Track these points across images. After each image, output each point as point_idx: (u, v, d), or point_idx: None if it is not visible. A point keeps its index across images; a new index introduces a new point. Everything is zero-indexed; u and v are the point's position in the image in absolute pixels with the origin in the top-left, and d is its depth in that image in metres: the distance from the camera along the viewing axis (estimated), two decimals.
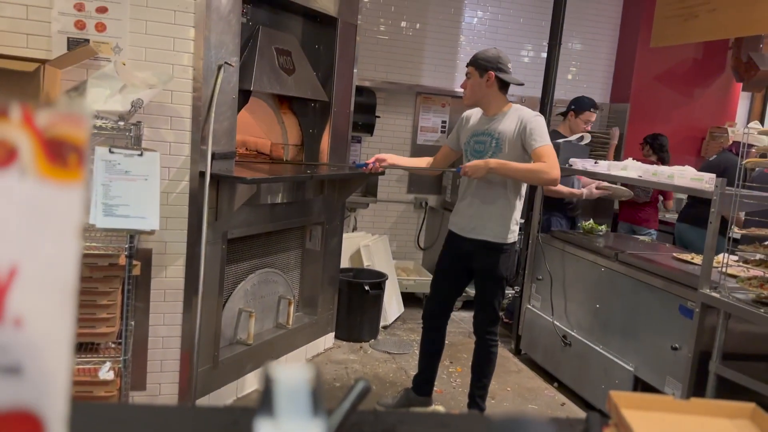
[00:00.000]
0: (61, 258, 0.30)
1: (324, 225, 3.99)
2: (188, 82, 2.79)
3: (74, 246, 0.30)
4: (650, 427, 1.23)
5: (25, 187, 0.30)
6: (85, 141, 0.30)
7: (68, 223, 0.30)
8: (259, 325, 3.61)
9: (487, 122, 3.06)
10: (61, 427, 0.30)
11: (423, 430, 1.32)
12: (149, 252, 2.82)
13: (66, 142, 0.30)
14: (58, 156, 0.30)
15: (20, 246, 0.30)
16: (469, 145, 3.11)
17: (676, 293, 3.04)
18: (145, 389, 2.91)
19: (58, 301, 0.30)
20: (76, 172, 0.30)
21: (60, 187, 0.30)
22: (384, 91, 5.45)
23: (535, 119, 2.97)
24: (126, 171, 2.29)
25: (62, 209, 0.30)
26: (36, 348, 0.29)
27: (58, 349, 0.30)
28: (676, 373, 3.00)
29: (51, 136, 0.30)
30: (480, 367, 3.21)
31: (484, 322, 3.17)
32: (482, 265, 3.09)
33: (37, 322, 0.29)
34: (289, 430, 0.36)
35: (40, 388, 0.29)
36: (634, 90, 5.95)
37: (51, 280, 0.30)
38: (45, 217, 0.30)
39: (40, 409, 0.29)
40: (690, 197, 4.86)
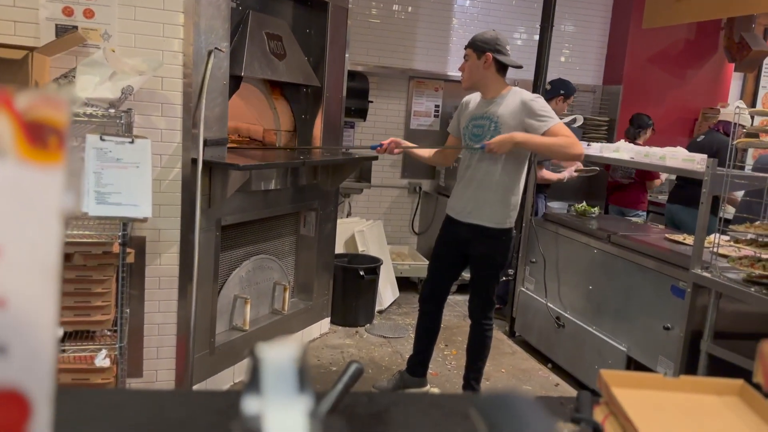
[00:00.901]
0: (44, 239, 0.30)
1: (318, 211, 4.00)
2: (178, 69, 2.77)
3: (56, 227, 0.30)
4: (640, 404, 1.25)
5: (6, 169, 0.30)
6: (65, 123, 0.31)
7: (50, 205, 0.30)
8: (254, 311, 3.62)
9: (486, 105, 3.03)
10: (47, 405, 0.30)
11: (416, 411, 1.33)
12: (143, 240, 2.82)
13: (46, 125, 0.30)
14: (38, 138, 0.30)
15: (2, 228, 0.30)
16: (468, 129, 3.08)
17: (668, 274, 3.06)
18: (142, 376, 2.92)
19: (42, 282, 0.30)
20: (57, 154, 0.31)
21: (41, 170, 0.30)
22: (376, 76, 5.43)
23: (537, 100, 2.96)
24: (117, 159, 2.28)
25: (43, 191, 0.30)
26: (21, 328, 0.30)
27: (42, 328, 0.30)
28: (668, 353, 3.03)
29: (31, 119, 0.30)
30: (475, 351, 3.23)
31: (479, 307, 3.18)
32: (478, 251, 3.10)
33: (22, 303, 0.30)
34: (275, 407, 0.37)
35: (26, 367, 0.30)
36: (626, 72, 5.94)
37: (34, 261, 0.30)
38: (26, 199, 0.30)
39: (26, 388, 0.30)
40: (679, 178, 4.88)
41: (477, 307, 3.19)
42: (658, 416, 1.26)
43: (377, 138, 5.59)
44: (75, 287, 2.41)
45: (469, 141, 3.05)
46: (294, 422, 0.34)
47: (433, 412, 1.34)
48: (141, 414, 1.10)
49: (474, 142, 3.01)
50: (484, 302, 3.17)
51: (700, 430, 1.17)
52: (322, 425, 0.34)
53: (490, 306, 3.20)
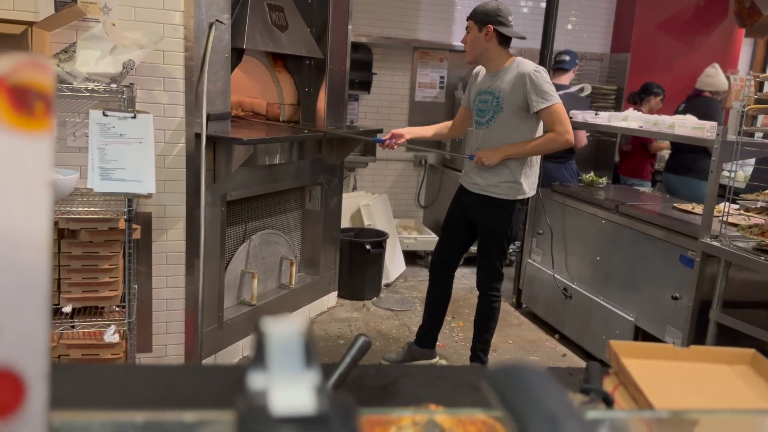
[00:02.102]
0: (33, 211, 0.29)
1: (323, 185, 3.98)
2: (179, 42, 2.74)
3: (45, 197, 0.29)
4: (650, 374, 1.24)
5: None
6: (50, 88, 0.29)
7: (38, 174, 0.29)
8: (262, 285, 3.63)
9: (490, 80, 2.99)
10: (42, 383, 0.29)
11: (424, 383, 1.33)
12: (149, 215, 2.82)
13: (31, 90, 0.29)
14: (23, 104, 0.28)
15: None
16: (475, 104, 3.07)
17: (676, 243, 3.04)
18: (152, 351, 2.95)
19: (33, 255, 0.29)
20: (44, 121, 0.29)
21: (28, 137, 0.29)
22: (380, 47, 5.36)
23: (535, 75, 2.87)
24: (120, 134, 2.27)
25: (31, 160, 0.29)
26: (12, 304, 0.28)
27: (35, 305, 0.29)
28: (676, 323, 3.03)
29: (15, 83, 0.28)
30: (482, 323, 3.24)
31: (486, 279, 3.18)
32: (485, 222, 3.09)
33: (12, 278, 0.28)
34: (280, 381, 0.36)
35: (19, 345, 0.29)
36: (634, 39, 5.83)
37: (24, 233, 0.29)
38: (13, 168, 0.28)
39: (20, 366, 0.29)
40: (673, 147, 4.84)
41: (484, 279, 3.19)
42: (669, 386, 1.25)
43: (382, 110, 5.56)
44: (82, 264, 2.41)
45: (476, 116, 3.06)
46: (300, 397, 0.32)
47: (441, 383, 1.34)
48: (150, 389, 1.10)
49: (479, 117, 3.03)
50: (490, 274, 3.17)
51: (712, 399, 1.16)
52: (328, 400, 0.33)
53: (498, 278, 3.19)
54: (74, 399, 0.95)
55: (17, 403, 0.29)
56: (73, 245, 2.41)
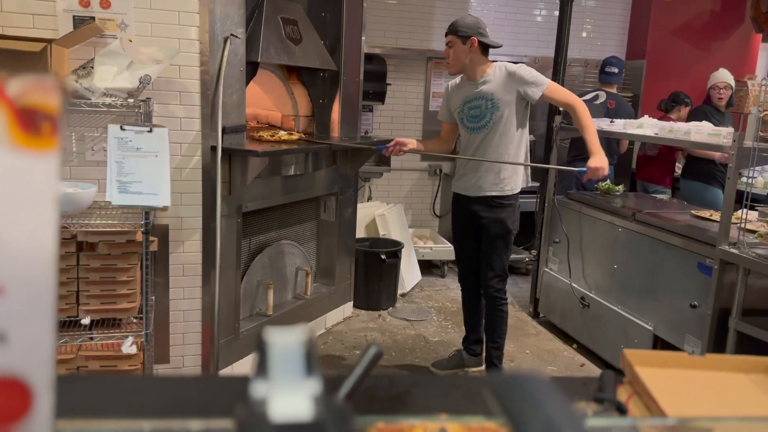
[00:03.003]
0: (40, 226, 0.30)
1: (338, 195, 4.00)
2: (195, 56, 2.78)
3: (52, 214, 0.30)
4: (664, 383, 1.23)
5: (0, 157, 0.30)
6: (57, 109, 0.30)
7: (45, 192, 0.30)
8: (277, 296, 3.65)
9: (476, 86, 3.13)
10: (48, 392, 0.30)
11: (437, 393, 1.33)
12: (166, 228, 2.85)
13: (39, 111, 0.30)
14: (31, 125, 0.30)
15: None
16: (463, 113, 3.18)
17: (694, 251, 3.01)
18: (169, 362, 2.97)
19: (39, 269, 0.30)
20: (50, 140, 0.30)
21: (35, 156, 0.30)
22: (394, 58, 5.39)
23: (521, 69, 3.09)
24: (137, 148, 2.30)
25: (38, 178, 0.30)
26: (19, 316, 0.30)
27: (41, 316, 0.30)
28: (695, 331, 2.99)
29: (23, 105, 0.30)
30: (493, 328, 3.26)
31: (494, 280, 3.20)
32: (492, 221, 3.16)
33: (20, 290, 0.30)
34: (281, 390, 0.37)
35: (26, 354, 0.30)
36: (650, 46, 5.81)
37: (31, 248, 0.30)
38: (21, 186, 0.30)
39: (27, 375, 0.30)
40: (688, 153, 4.81)
41: (490, 281, 3.22)
42: (683, 395, 1.24)
43: (396, 121, 5.58)
44: (100, 276, 2.45)
45: (468, 123, 3.16)
46: (298, 404, 0.33)
47: (454, 393, 1.34)
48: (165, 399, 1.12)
49: (474, 123, 3.14)
50: (497, 275, 3.21)
51: (727, 408, 1.15)
52: (326, 407, 0.33)
53: (503, 278, 3.23)
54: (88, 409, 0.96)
55: (24, 412, 0.30)
56: (91, 258, 2.44)
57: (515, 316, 4.40)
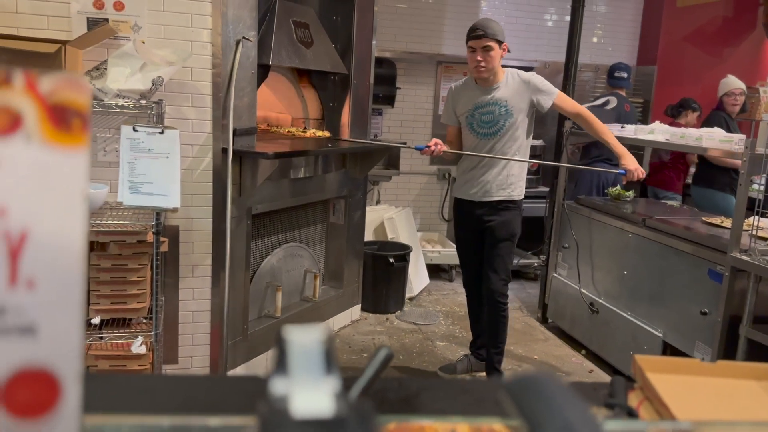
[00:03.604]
0: (70, 221, 0.30)
1: (347, 198, 4.01)
2: (207, 59, 2.80)
3: (82, 209, 0.31)
4: (676, 389, 1.22)
5: (31, 152, 0.30)
6: (87, 106, 0.31)
7: (74, 187, 0.31)
8: (286, 298, 3.65)
9: (488, 92, 3.11)
10: (76, 384, 0.31)
11: (446, 396, 1.33)
12: (176, 229, 2.87)
13: (69, 108, 0.31)
14: (61, 121, 0.30)
15: (29, 211, 0.30)
16: (474, 118, 3.15)
17: (705, 257, 2.99)
18: (178, 362, 2.98)
19: (69, 263, 0.30)
20: (80, 137, 0.31)
21: (65, 152, 0.31)
22: (404, 62, 5.40)
23: (536, 76, 3.16)
24: (149, 149, 2.32)
25: (68, 174, 0.31)
26: (49, 309, 0.30)
27: (70, 309, 0.30)
28: (705, 338, 2.97)
29: (54, 102, 0.30)
30: (495, 333, 3.26)
31: (498, 284, 3.20)
32: (499, 225, 3.17)
33: (49, 284, 0.30)
34: (302, 388, 0.37)
35: (54, 347, 0.30)
36: (661, 52, 5.79)
37: (60, 242, 0.30)
38: (52, 181, 0.30)
39: (55, 367, 0.30)
40: (700, 159, 4.79)
41: (495, 285, 3.20)
42: (695, 401, 1.24)
43: (405, 124, 5.58)
44: (111, 276, 2.46)
45: (479, 129, 3.15)
46: (320, 401, 0.34)
47: (463, 397, 1.34)
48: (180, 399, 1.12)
49: (486, 128, 3.13)
50: (501, 279, 3.21)
51: (738, 415, 1.14)
52: (347, 404, 0.34)
53: (508, 281, 3.24)
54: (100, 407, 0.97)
55: (52, 404, 0.31)
56: (102, 258, 2.46)
57: (524, 321, 4.39)
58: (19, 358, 0.30)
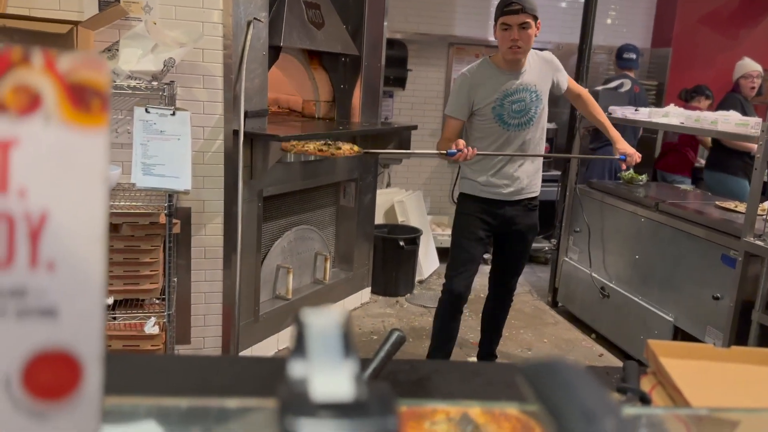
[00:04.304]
0: (89, 202, 0.30)
1: (357, 181, 4.00)
2: (218, 40, 2.78)
3: (101, 190, 0.30)
4: (689, 375, 1.22)
5: (51, 133, 0.30)
6: (106, 85, 0.30)
7: (94, 168, 0.30)
8: (297, 280, 3.67)
9: (516, 76, 2.77)
10: (97, 366, 0.30)
11: (457, 379, 1.33)
12: (188, 211, 2.88)
13: (88, 87, 0.30)
14: (81, 101, 0.30)
15: (49, 192, 0.30)
16: (503, 108, 2.76)
17: (718, 242, 2.97)
18: (190, 343, 3.01)
19: (89, 245, 0.30)
20: (100, 117, 0.30)
21: (85, 133, 0.30)
22: (415, 43, 5.35)
23: (554, 57, 2.98)
24: (161, 131, 2.32)
25: (88, 154, 0.30)
26: (70, 290, 0.30)
27: (91, 290, 0.30)
28: (717, 323, 2.96)
29: (73, 81, 0.30)
30: (502, 321, 3.19)
31: (515, 285, 3.11)
32: (527, 224, 2.95)
33: (70, 266, 0.30)
34: (321, 370, 0.37)
35: (76, 329, 0.30)
36: (676, 34, 5.70)
37: (80, 224, 0.30)
38: (71, 162, 0.30)
39: (77, 349, 0.30)
40: (714, 143, 4.74)
41: (515, 280, 3.10)
42: (708, 387, 1.23)
43: (416, 107, 5.55)
44: (124, 257, 2.48)
45: (509, 120, 2.78)
46: (340, 384, 0.33)
47: (474, 380, 1.34)
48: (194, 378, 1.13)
49: (518, 118, 2.78)
50: (520, 273, 3.12)
51: (752, 400, 1.14)
52: (368, 387, 0.34)
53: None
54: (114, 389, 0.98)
55: (74, 385, 0.31)
56: (115, 239, 2.48)
57: (533, 305, 4.39)
58: (40, 340, 0.30)
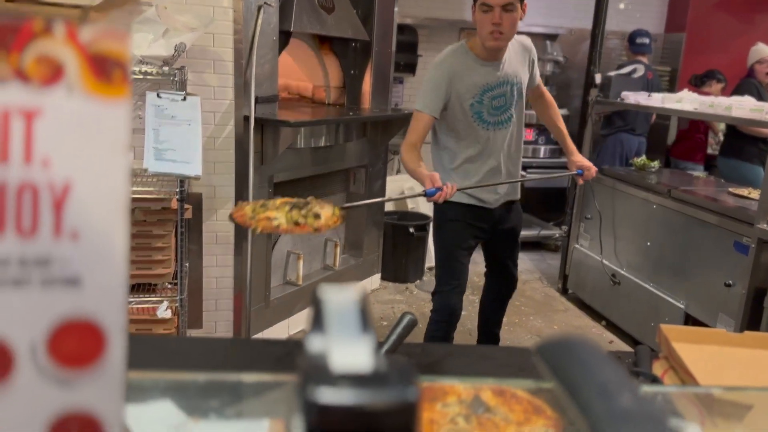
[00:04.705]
0: (112, 173, 0.30)
1: (367, 168, 4.00)
2: (229, 25, 2.78)
3: (123, 161, 0.31)
4: (701, 359, 1.22)
5: (73, 103, 0.30)
6: (127, 56, 0.30)
7: (116, 139, 0.30)
8: (307, 266, 3.68)
9: (497, 68, 2.42)
10: (121, 336, 0.31)
11: (469, 362, 1.34)
12: (199, 196, 2.89)
13: (110, 58, 0.30)
14: (103, 72, 0.30)
15: (72, 162, 0.30)
16: (482, 105, 2.42)
17: (731, 229, 2.95)
18: (202, 327, 3.04)
19: (111, 215, 0.30)
20: (121, 87, 0.30)
21: (106, 103, 0.30)
22: (426, 28, 5.31)
23: (531, 43, 2.58)
24: (172, 116, 2.33)
25: (110, 125, 0.30)
26: (93, 260, 0.30)
27: (114, 260, 0.30)
28: (728, 310, 2.95)
29: (95, 52, 0.30)
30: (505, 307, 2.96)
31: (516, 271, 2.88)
32: (513, 225, 2.75)
33: (93, 236, 0.30)
34: (339, 344, 0.37)
35: (99, 298, 0.31)
36: (690, 19, 5.63)
37: (103, 194, 0.30)
38: (94, 133, 0.30)
39: (100, 318, 0.31)
40: (728, 129, 4.70)
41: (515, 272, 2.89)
42: (721, 371, 1.23)
43: None
44: (136, 242, 2.50)
45: (488, 118, 2.46)
46: (360, 357, 0.34)
47: (486, 363, 1.35)
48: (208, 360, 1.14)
49: (497, 116, 2.47)
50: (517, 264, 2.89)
51: (765, 385, 1.13)
52: (387, 361, 0.34)
53: None
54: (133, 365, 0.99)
55: (98, 354, 0.31)
56: None
57: (543, 292, 4.38)
58: (65, 308, 0.31)
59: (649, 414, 0.38)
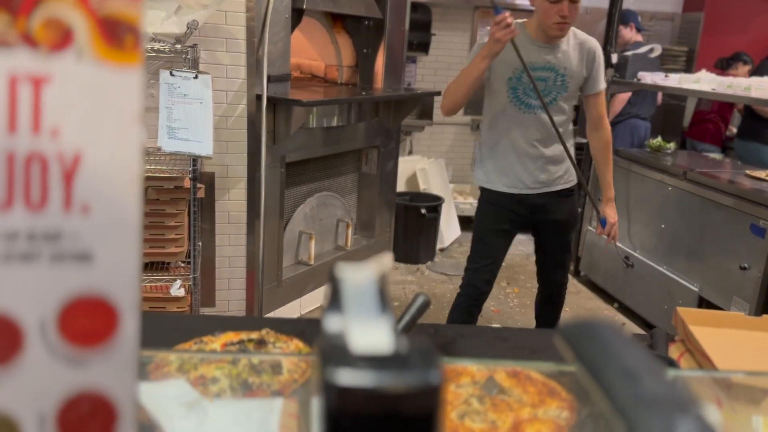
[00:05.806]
0: (124, 143, 0.29)
1: (380, 148, 3.97)
2: (241, 2, 2.75)
3: (136, 131, 0.29)
4: (718, 342, 1.20)
5: (83, 69, 0.29)
6: (140, 20, 0.29)
7: (128, 108, 0.29)
8: (319, 246, 3.68)
9: (547, 51, 2.37)
10: (134, 313, 0.30)
11: (483, 343, 1.33)
12: (212, 175, 2.88)
13: (121, 22, 0.29)
14: (114, 37, 0.29)
15: (82, 132, 0.29)
16: (520, 82, 2.38)
17: (747, 211, 2.91)
18: (215, 306, 3.05)
19: (124, 188, 0.29)
20: (133, 54, 0.29)
21: (118, 70, 0.29)
22: (440, 7, 5.24)
23: (600, 50, 2.50)
24: (185, 94, 2.31)
25: (121, 93, 0.29)
26: (105, 234, 0.29)
27: (126, 235, 0.29)
28: (743, 294, 2.92)
29: (105, 15, 0.28)
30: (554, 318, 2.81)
31: (565, 279, 2.77)
32: (560, 217, 2.62)
33: (104, 209, 0.29)
34: (358, 323, 0.36)
35: (111, 274, 0.29)
36: None
37: (115, 165, 0.29)
38: (105, 101, 0.29)
39: (112, 295, 0.30)
40: (746, 111, 4.61)
41: (565, 273, 2.78)
42: (738, 355, 1.21)
43: (440, 73, 5.46)
44: (149, 220, 2.50)
45: (524, 98, 2.41)
46: (379, 337, 0.32)
47: (500, 345, 1.34)
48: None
49: (531, 98, 2.40)
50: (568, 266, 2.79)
51: None
52: (407, 340, 0.32)
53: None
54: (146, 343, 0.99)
55: (110, 332, 0.30)
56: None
57: None
58: (75, 285, 0.29)
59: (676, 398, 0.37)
